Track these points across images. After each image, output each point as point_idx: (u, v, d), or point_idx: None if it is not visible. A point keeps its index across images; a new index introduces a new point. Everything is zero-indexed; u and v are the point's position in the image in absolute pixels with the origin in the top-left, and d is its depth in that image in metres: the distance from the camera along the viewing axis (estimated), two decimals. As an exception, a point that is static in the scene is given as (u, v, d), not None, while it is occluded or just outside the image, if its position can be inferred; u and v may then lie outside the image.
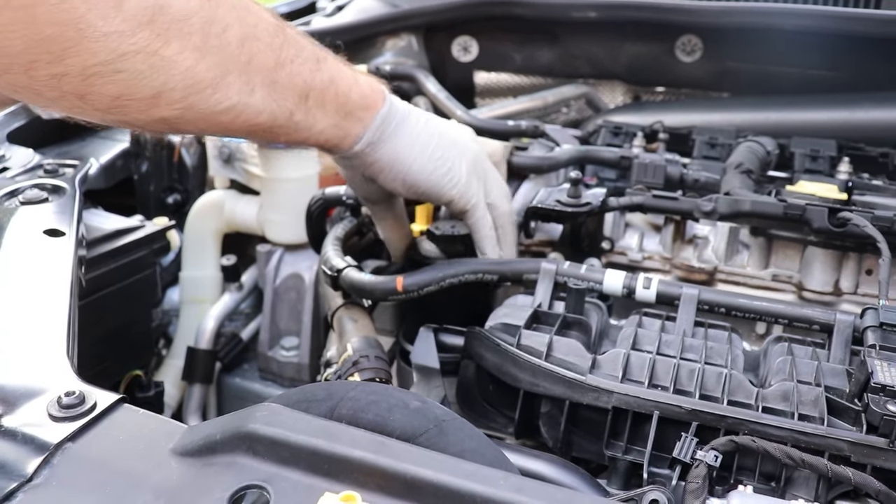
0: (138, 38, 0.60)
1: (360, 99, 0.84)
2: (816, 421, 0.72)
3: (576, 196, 1.03)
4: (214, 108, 0.69)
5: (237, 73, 0.69)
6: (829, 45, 1.48)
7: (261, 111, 0.74)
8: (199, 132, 0.74)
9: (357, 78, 0.85)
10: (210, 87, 0.67)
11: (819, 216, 0.95)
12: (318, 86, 0.78)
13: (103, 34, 0.58)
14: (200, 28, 0.65)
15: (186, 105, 0.67)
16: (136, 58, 0.61)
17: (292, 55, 0.75)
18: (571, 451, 0.81)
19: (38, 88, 0.61)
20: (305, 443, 0.53)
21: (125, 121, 0.68)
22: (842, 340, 0.83)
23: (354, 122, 0.84)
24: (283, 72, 0.74)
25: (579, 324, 0.87)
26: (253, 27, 0.70)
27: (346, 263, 0.95)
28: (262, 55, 0.72)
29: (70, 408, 0.61)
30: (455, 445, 0.62)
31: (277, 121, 0.76)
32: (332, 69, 0.81)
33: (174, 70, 0.64)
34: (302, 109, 0.78)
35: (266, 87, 0.73)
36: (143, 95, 0.64)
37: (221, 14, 0.67)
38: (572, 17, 1.64)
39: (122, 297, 1.14)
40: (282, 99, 0.75)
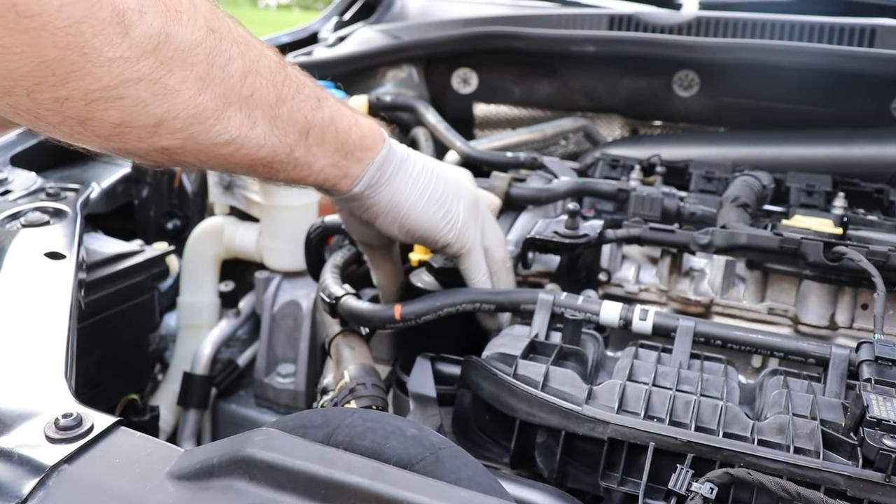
0: (142, 66, 0.61)
1: (359, 139, 0.84)
2: (812, 454, 0.71)
3: (573, 228, 1.03)
4: (215, 140, 0.69)
5: (239, 105, 0.70)
6: (823, 82, 1.50)
7: (262, 145, 0.74)
8: (200, 164, 0.74)
9: (357, 119, 0.85)
10: (212, 119, 0.68)
11: (814, 250, 0.96)
12: (318, 123, 0.79)
13: (108, 59, 0.59)
14: (204, 59, 0.65)
15: (187, 135, 0.67)
16: (139, 85, 0.61)
17: (293, 91, 0.76)
18: (567, 481, 0.80)
19: (40, 112, 0.61)
20: (302, 468, 0.53)
21: (125, 149, 0.68)
22: (837, 374, 0.83)
23: (353, 163, 0.84)
24: (284, 107, 0.74)
25: (576, 354, 0.87)
26: (255, 62, 0.71)
27: (344, 291, 0.96)
28: (264, 90, 0.72)
29: (67, 430, 0.61)
30: (451, 474, 0.62)
31: (278, 156, 0.76)
32: (332, 108, 0.81)
33: (176, 99, 0.64)
34: (302, 146, 0.78)
35: (267, 121, 0.73)
36: (144, 123, 0.64)
37: (225, 47, 0.67)
38: (571, 52, 1.66)
39: (119, 321, 1.14)
40: (283, 134, 0.75)
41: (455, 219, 0.90)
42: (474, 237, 0.93)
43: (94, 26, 0.57)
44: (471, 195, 0.94)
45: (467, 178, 0.97)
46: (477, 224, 0.94)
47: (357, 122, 0.84)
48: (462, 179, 0.95)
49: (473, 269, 0.94)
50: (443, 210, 0.89)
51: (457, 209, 0.91)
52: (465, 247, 0.92)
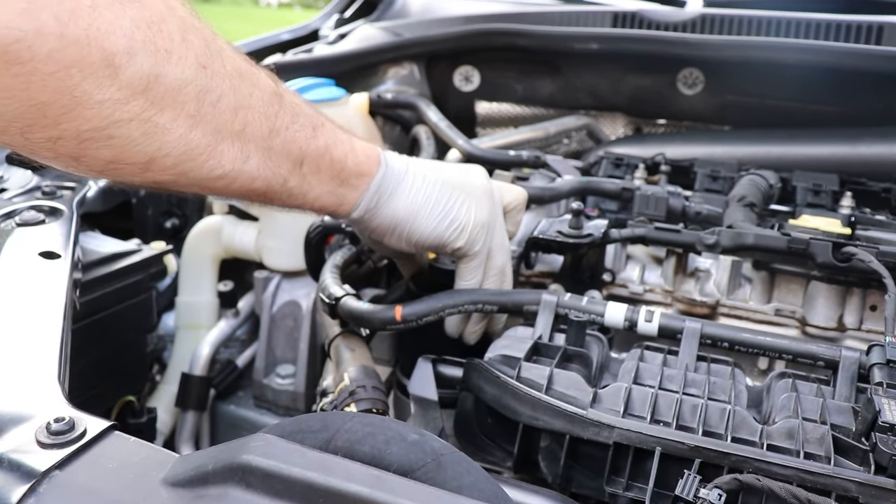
0: (132, 106, 0.61)
1: (355, 166, 0.83)
2: (823, 460, 0.70)
3: (577, 227, 1.02)
4: (208, 175, 0.69)
5: (231, 140, 0.69)
6: (830, 80, 1.48)
7: (255, 178, 0.74)
8: (194, 194, 0.74)
9: (353, 145, 0.84)
10: (204, 154, 0.68)
11: (823, 251, 0.94)
12: (312, 153, 0.78)
13: (98, 101, 0.59)
14: (195, 97, 0.65)
15: (180, 171, 0.68)
16: (129, 125, 0.61)
17: (287, 122, 0.75)
18: (571, 486, 0.79)
19: (34, 149, 0.62)
20: (300, 476, 0.51)
21: (121, 181, 0.69)
22: (847, 377, 0.81)
23: (350, 190, 0.84)
24: (277, 139, 0.74)
25: (580, 357, 0.85)
26: (247, 96, 0.70)
27: (344, 292, 0.94)
28: (257, 123, 0.71)
29: (59, 434, 0.60)
30: (453, 480, 0.60)
31: (272, 187, 0.76)
32: (328, 136, 0.80)
33: (168, 137, 0.64)
34: (296, 176, 0.78)
35: (260, 154, 0.73)
36: (136, 161, 0.65)
37: (216, 83, 0.67)
38: (574, 49, 1.64)
39: (116, 322, 1.13)
40: (276, 166, 0.75)
41: (464, 224, 0.88)
42: (485, 239, 0.91)
43: (84, 70, 0.57)
44: (484, 195, 0.91)
45: (480, 176, 0.94)
46: (491, 226, 0.91)
47: (353, 148, 0.84)
48: (473, 179, 0.93)
49: (469, 273, 0.92)
50: (448, 218, 0.88)
51: (466, 214, 0.89)
52: (472, 249, 0.90)
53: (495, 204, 0.93)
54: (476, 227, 0.89)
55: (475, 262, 0.91)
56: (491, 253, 0.93)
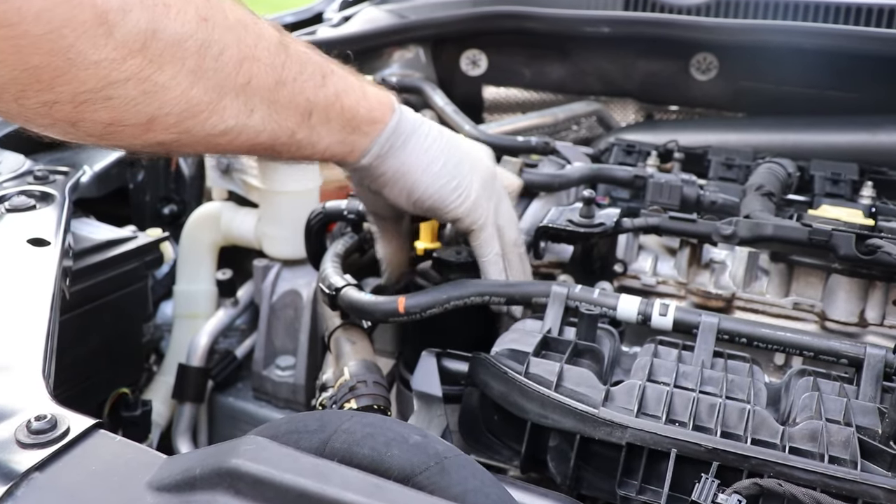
0: (130, 65, 0.59)
1: (367, 113, 0.81)
2: (848, 464, 0.66)
3: (588, 216, 0.98)
4: (211, 132, 0.67)
5: (234, 95, 0.67)
6: (849, 66, 1.44)
7: (260, 131, 0.71)
8: (197, 154, 0.73)
9: (365, 90, 0.81)
10: (206, 111, 0.66)
11: (846, 243, 0.90)
12: (321, 103, 0.76)
13: (93, 62, 0.57)
14: (196, 52, 0.62)
15: (182, 129, 0.65)
16: (127, 84, 0.59)
17: (295, 73, 0.72)
18: (581, 488, 0.75)
19: (29, 116, 0.60)
20: (292, 483, 0.48)
21: (120, 145, 0.67)
22: (872, 376, 0.77)
23: (361, 137, 0.81)
24: (284, 91, 0.71)
25: (591, 352, 0.82)
26: (252, 47, 0.68)
27: (345, 282, 0.91)
28: (262, 75, 0.69)
29: (40, 433, 0.57)
30: (457, 485, 0.57)
31: (279, 139, 0.74)
32: (338, 84, 0.77)
33: (168, 95, 0.62)
34: (305, 127, 0.75)
35: (266, 106, 0.70)
36: (136, 121, 0.62)
37: (218, 36, 0.64)
38: (584, 33, 1.60)
39: (110, 311, 1.10)
40: (283, 119, 0.73)
41: (467, 192, 0.86)
42: (487, 213, 0.88)
43: (76, 30, 0.55)
44: (488, 170, 0.90)
45: (486, 154, 0.93)
46: (491, 201, 0.89)
47: (365, 94, 0.81)
48: (480, 154, 0.91)
49: (485, 246, 0.89)
50: (454, 182, 0.85)
51: (469, 182, 0.86)
52: (476, 222, 0.88)
53: (497, 184, 0.92)
54: (479, 200, 0.87)
55: (485, 235, 0.89)
56: (502, 229, 0.91)
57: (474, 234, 0.89)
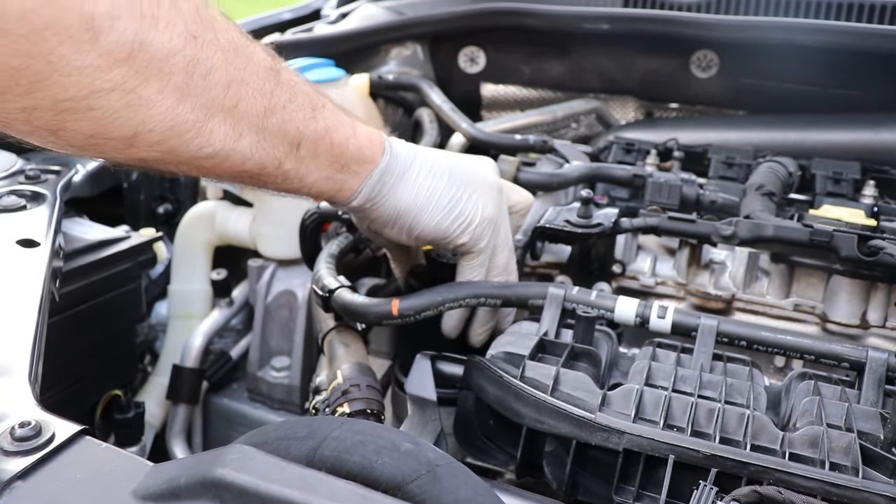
0: (114, 75, 0.57)
1: (356, 151, 0.78)
2: (849, 471, 0.65)
3: (586, 216, 0.97)
4: (197, 154, 0.65)
5: (222, 117, 0.65)
6: (852, 63, 1.43)
7: (247, 158, 0.69)
8: (181, 173, 0.70)
9: (356, 129, 0.79)
10: (192, 131, 0.63)
11: (848, 244, 0.88)
12: (311, 135, 0.73)
13: (76, 68, 0.55)
14: (183, 68, 0.60)
15: (166, 148, 0.63)
16: (111, 95, 0.57)
17: (285, 101, 0.70)
18: (577, 494, 0.74)
19: (9, 121, 0.58)
20: (278, 494, 0.47)
21: (103, 157, 0.65)
22: (874, 380, 0.76)
23: (350, 176, 0.79)
24: (273, 118, 0.69)
25: (588, 355, 0.80)
26: (241, 70, 0.66)
27: (338, 283, 0.89)
28: (251, 100, 0.67)
29: (24, 440, 0.56)
30: (449, 494, 0.56)
31: (266, 169, 0.72)
32: (328, 118, 0.75)
33: (153, 110, 0.60)
34: (292, 159, 0.73)
35: (254, 133, 0.68)
36: (119, 135, 0.60)
37: (207, 55, 0.62)
38: (584, 30, 1.58)
39: (102, 312, 1.08)
40: (271, 147, 0.70)
41: (470, 219, 0.84)
42: (491, 236, 0.86)
43: (60, 33, 0.53)
44: (492, 189, 0.87)
45: (490, 169, 0.89)
46: (497, 221, 0.87)
47: (356, 132, 0.78)
48: (483, 172, 0.88)
49: (470, 270, 0.87)
50: (453, 214, 0.83)
51: (472, 209, 0.84)
52: (476, 246, 0.85)
53: (502, 200, 0.89)
54: (483, 223, 0.84)
55: (478, 260, 0.86)
56: (495, 250, 0.88)
57: (468, 256, 0.87)
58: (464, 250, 0.86)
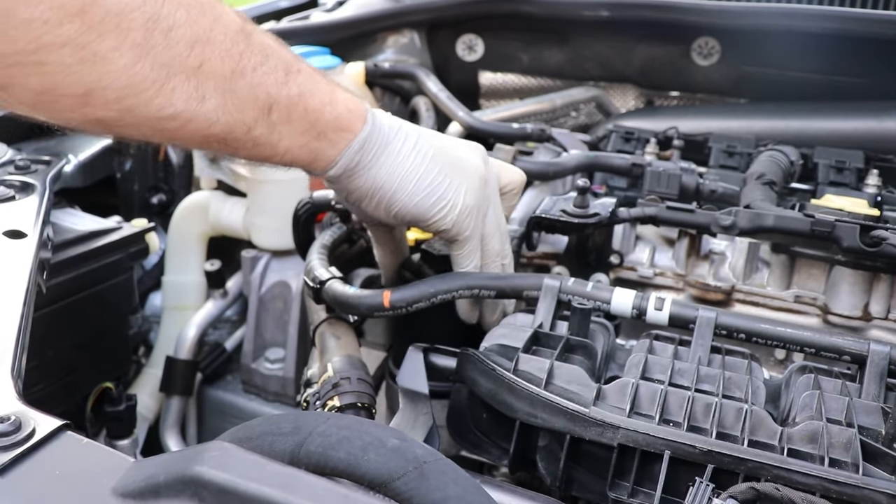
0: (66, 29, 0.55)
1: (333, 119, 0.75)
2: (849, 467, 0.63)
3: (583, 206, 0.95)
4: (157, 114, 0.63)
5: (184, 77, 0.62)
6: (855, 50, 1.41)
7: (213, 121, 0.66)
8: (144, 137, 0.67)
9: (335, 96, 0.76)
10: (151, 90, 0.61)
11: (850, 234, 0.87)
12: (283, 100, 0.70)
13: (23, 21, 0.53)
14: (142, 24, 0.58)
15: (124, 107, 0.61)
16: (62, 50, 0.55)
17: (255, 63, 0.67)
18: (571, 489, 0.73)
19: None
20: (257, 492, 0.46)
21: (58, 118, 0.63)
22: (876, 373, 0.74)
23: (327, 145, 0.76)
24: (241, 80, 0.66)
25: (583, 347, 0.79)
26: (207, 30, 0.63)
27: (330, 275, 0.88)
28: (216, 60, 0.64)
29: (4, 435, 0.55)
30: (437, 491, 0.54)
31: (234, 133, 0.69)
32: (304, 83, 0.72)
33: (108, 67, 0.58)
34: (263, 124, 0.70)
35: (220, 95, 0.65)
36: (71, 92, 0.58)
37: (168, 11, 0.60)
38: (583, 17, 1.57)
39: (94, 304, 1.07)
40: (238, 111, 0.67)
41: (451, 204, 0.81)
42: (475, 225, 0.83)
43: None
44: (478, 175, 0.84)
45: (478, 156, 0.86)
46: (479, 211, 0.84)
47: (334, 99, 0.75)
48: (470, 158, 0.84)
49: (465, 259, 0.85)
50: (435, 195, 0.80)
51: (455, 192, 0.81)
52: (461, 234, 0.83)
53: (490, 187, 0.86)
54: (465, 210, 0.81)
55: (468, 248, 0.84)
56: (485, 238, 0.86)
57: (456, 245, 0.84)
58: (449, 237, 0.84)
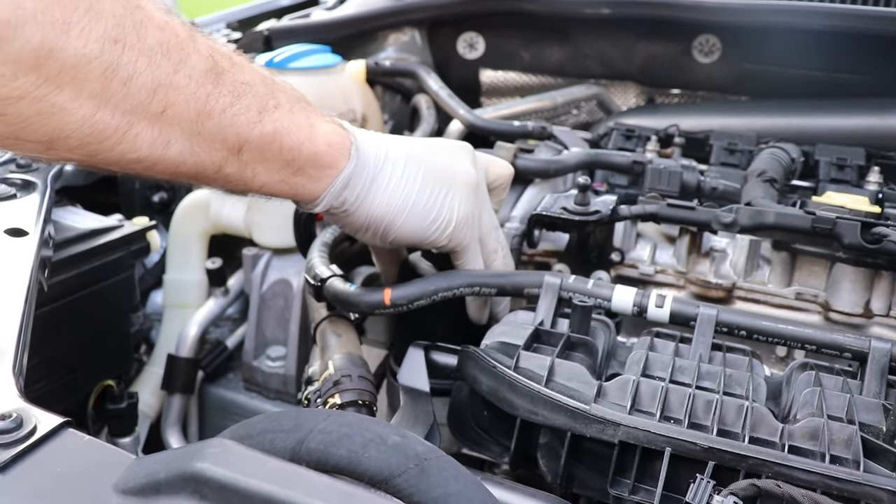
0: (21, 83, 0.54)
1: (312, 156, 0.73)
2: (850, 464, 0.63)
3: (584, 203, 0.95)
4: (122, 158, 0.63)
5: (148, 123, 0.62)
6: (856, 47, 1.40)
7: (180, 163, 0.66)
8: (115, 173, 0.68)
9: (314, 130, 0.74)
10: (113, 138, 0.61)
11: (851, 231, 0.87)
12: (255, 140, 0.69)
13: None
14: (100, 75, 0.58)
15: (88, 153, 0.61)
16: (20, 103, 0.55)
17: (224, 104, 0.66)
18: (572, 486, 0.73)
19: None
20: (257, 489, 0.46)
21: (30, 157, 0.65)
22: (877, 370, 0.74)
23: (307, 180, 0.74)
24: (208, 122, 0.66)
25: (584, 345, 0.79)
26: (170, 74, 0.62)
27: (330, 272, 0.88)
28: (181, 104, 0.63)
29: (5, 433, 0.55)
30: (438, 488, 0.54)
31: (203, 172, 0.69)
32: (280, 119, 0.70)
33: (67, 118, 0.58)
34: (234, 163, 0.69)
35: (186, 139, 0.65)
36: (35, 139, 0.58)
37: (128, 60, 0.59)
38: (584, 14, 1.56)
39: (95, 302, 1.07)
40: (206, 152, 0.67)
41: (447, 220, 0.80)
42: (471, 233, 0.83)
43: None
44: (469, 182, 0.83)
45: (466, 161, 0.85)
46: (475, 217, 0.84)
47: (313, 134, 0.73)
48: (459, 167, 0.83)
49: (467, 266, 0.85)
50: (429, 218, 0.80)
51: (449, 209, 0.80)
52: (460, 245, 0.83)
53: (481, 190, 0.85)
54: (461, 223, 0.81)
55: (468, 255, 0.84)
56: (483, 240, 0.86)
57: (456, 255, 0.84)
58: (448, 251, 0.84)
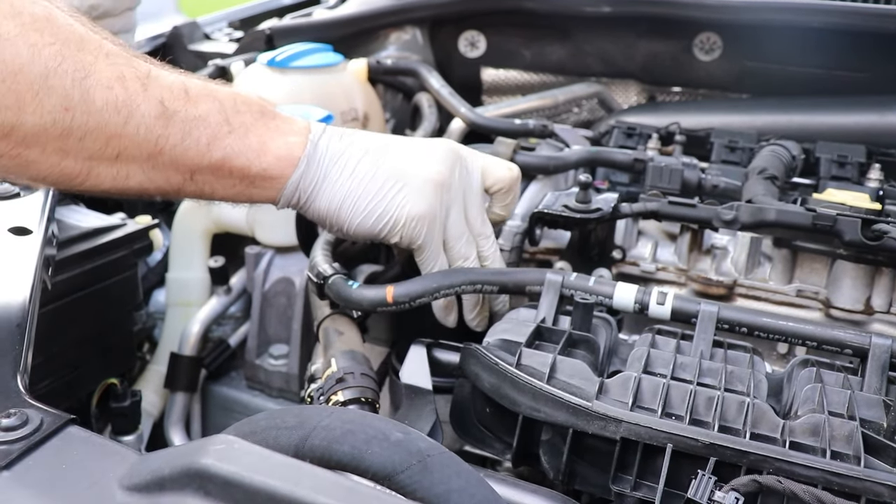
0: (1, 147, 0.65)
1: (260, 171, 0.80)
2: (851, 460, 0.64)
3: (585, 201, 0.95)
4: (92, 189, 0.74)
5: (106, 164, 0.72)
6: (857, 45, 1.40)
7: (143, 189, 0.76)
8: None
9: (265, 147, 0.79)
10: (79, 178, 0.71)
11: (851, 228, 0.87)
12: (205, 167, 0.77)
13: None
14: (58, 136, 0.67)
15: (64, 187, 0.73)
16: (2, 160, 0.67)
17: (174, 142, 0.74)
18: (574, 482, 0.73)
19: None
20: (262, 485, 0.46)
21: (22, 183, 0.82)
22: (877, 367, 0.75)
23: (261, 190, 0.82)
24: (161, 158, 0.74)
25: (586, 342, 0.79)
26: (120, 126, 0.70)
27: (333, 271, 0.88)
28: (133, 149, 0.72)
29: (10, 430, 0.56)
30: (441, 484, 0.55)
31: (166, 192, 0.78)
32: (232, 145, 0.77)
33: (40, 167, 0.69)
34: (191, 185, 0.78)
35: (142, 172, 0.74)
36: (19, 180, 0.74)
37: (80, 123, 0.68)
38: (585, 13, 1.56)
39: (98, 300, 1.07)
40: (163, 179, 0.76)
41: (394, 220, 0.83)
42: (428, 232, 0.84)
43: None
44: (430, 184, 0.83)
45: (435, 161, 0.85)
46: (438, 218, 0.84)
47: (264, 151, 0.79)
48: (421, 167, 0.84)
49: (425, 265, 0.87)
50: (374, 215, 0.83)
51: (397, 209, 0.82)
52: (414, 243, 0.85)
53: (453, 191, 0.86)
54: (412, 221, 0.83)
55: (426, 254, 0.86)
56: (448, 242, 0.87)
57: (416, 253, 0.86)
58: (404, 247, 0.86)
